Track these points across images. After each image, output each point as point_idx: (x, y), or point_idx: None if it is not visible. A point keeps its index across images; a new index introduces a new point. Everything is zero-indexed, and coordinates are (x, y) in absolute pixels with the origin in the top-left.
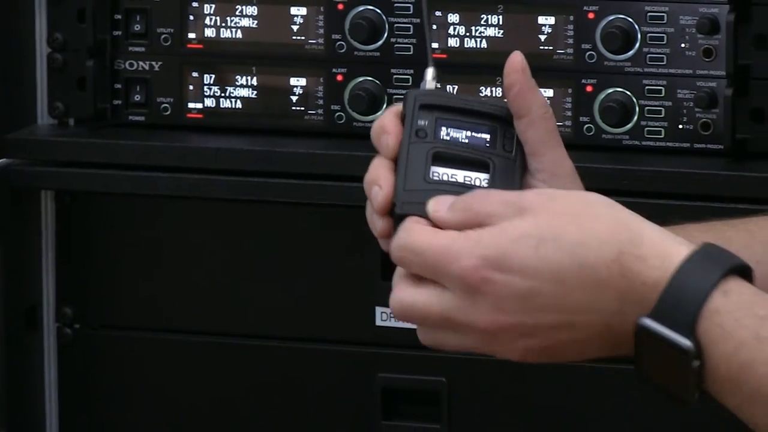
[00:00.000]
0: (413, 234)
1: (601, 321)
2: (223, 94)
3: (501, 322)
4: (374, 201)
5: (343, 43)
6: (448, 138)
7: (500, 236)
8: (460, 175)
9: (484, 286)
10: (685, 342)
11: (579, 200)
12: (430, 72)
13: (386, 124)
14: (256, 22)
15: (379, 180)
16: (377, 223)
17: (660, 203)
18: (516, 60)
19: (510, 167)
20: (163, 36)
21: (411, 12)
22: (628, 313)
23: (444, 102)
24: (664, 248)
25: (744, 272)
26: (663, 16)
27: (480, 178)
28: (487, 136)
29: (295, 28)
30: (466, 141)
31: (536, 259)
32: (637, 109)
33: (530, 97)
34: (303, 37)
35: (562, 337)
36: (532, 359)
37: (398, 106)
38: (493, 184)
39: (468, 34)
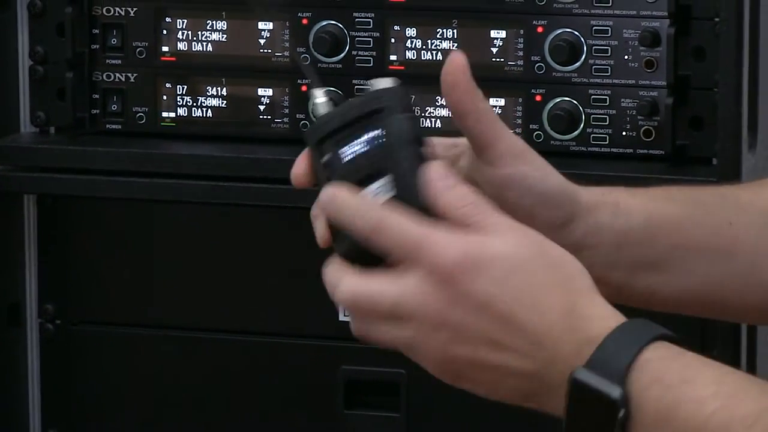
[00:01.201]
0: (397, 212)
1: (532, 366)
2: (194, 104)
3: (448, 319)
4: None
5: (307, 55)
6: (351, 157)
7: (484, 246)
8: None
9: (450, 282)
10: (614, 392)
11: (543, 257)
12: (318, 93)
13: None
14: (225, 36)
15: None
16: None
17: None
18: (457, 60)
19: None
20: (138, 49)
21: (371, 26)
22: (561, 367)
23: (333, 125)
24: (608, 314)
25: (672, 341)
26: (607, 29)
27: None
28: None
29: (262, 41)
30: (365, 149)
31: (504, 282)
32: (583, 117)
33: (474, 94)
34: (270, 50)
35: (489, 360)
36: (448, 375)
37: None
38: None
39: (424, 47)
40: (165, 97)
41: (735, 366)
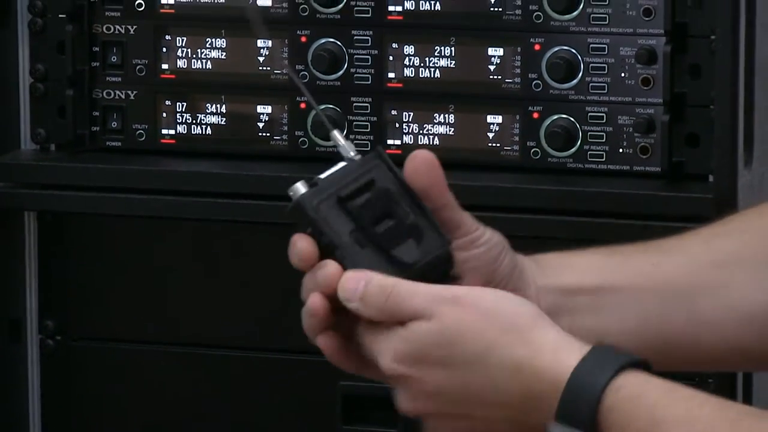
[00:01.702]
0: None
1: (510, 413)
2: (194, 121)
3: (420, 409)
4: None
5: (306, 72)
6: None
7: (415, 338)
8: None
9: (402, 381)
10: None
11: (485, 309)
12: (337, 134)
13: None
14: (225, 53)
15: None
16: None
17: (602, 222)
18: (428, 158)
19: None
20: (138, 67)
21: (369, 44)
22: (532, 415)
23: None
24: (558, 359)
25: (639, 365)
26: (604, 47)
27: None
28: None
29: (261, 59)
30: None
31: (448, 361)
32: (580, 134)
33: (445, 187)
34: (269, 68)
35: (476, 421)
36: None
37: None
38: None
39: (422, 64)
40: (165, 115)
41: (731, 391)
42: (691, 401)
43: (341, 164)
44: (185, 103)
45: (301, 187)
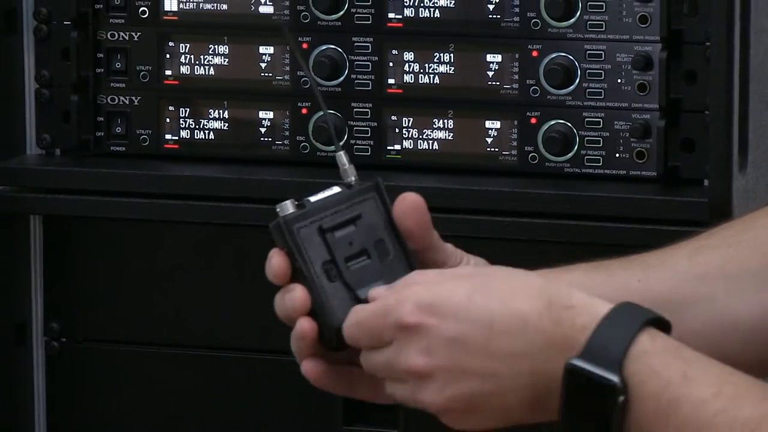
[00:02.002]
0: (355, 313)
1: (528, 370)
2: (197, 127)
3: (432, 365)
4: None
5: (307, 79)
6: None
7: (434, 287)
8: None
9: (418, 330)
10: (613, 378)
11: (507, 268)
12: (343, 156)
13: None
14: (227, 60)
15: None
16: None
17: (599, 225)
18: (417, 201)
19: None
20: (141, 73)
21: (369, 51)
22: (556, 359)
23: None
24: (591, 301)
25: (664, 326)
26: (601, 53)
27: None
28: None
29: (263, 65)
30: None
31: (468, 304)
32: (577, 139)
33: (430, 230)
34: (270, 74)
35: (486, 388)
36: (455, 416)
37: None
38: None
39: (422, 70)
40: (168, 120)
41: None
42: (724, 368)
43: (336, 189)
44: (188, 109)
45: (288, 207)
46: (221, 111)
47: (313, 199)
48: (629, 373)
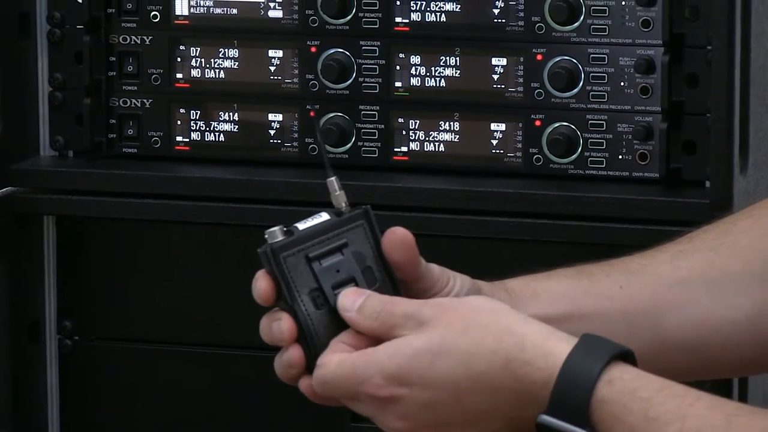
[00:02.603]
0: (325, 370)
1: (503, 416)
2: (207, 129)
3: (414, 426)
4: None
5: (315, 82)
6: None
7: (399, 355)
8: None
9: (391, 401)
10: (582, 431)
11: (468, 310)
12: (335, 182)
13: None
14: (237, 63)
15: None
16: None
17: (602, 226)
18: (405, 236)
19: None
20: (153, 76)
21: (377, 54)
22: (526, 410)
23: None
24: (546, 348)
25: (625, 356)
26: (604, 57)
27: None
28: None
29: (272, 69)
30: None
31: (433, 371)
32: (581, 141)
33: (418, 264)
34: (280, 77)
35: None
36: None
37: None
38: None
39: (428, 74)
40: (179, 122)
41: (726, 389)
42: (684, 398)
43: (324, 216)
44: (199, 112)
45: (276, 234)
46: (231, 113)
47: (301, 226)
48: (595, 422)
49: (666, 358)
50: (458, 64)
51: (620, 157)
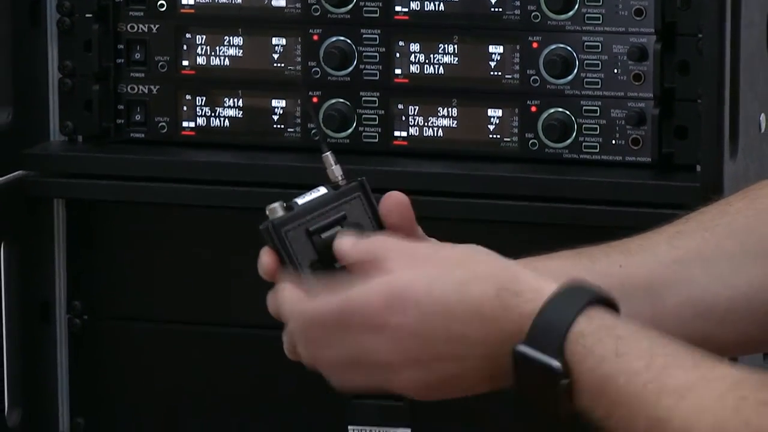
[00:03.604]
0: (306, 304)
1: (486, 354)
2: (213, 114)
3: (400, 357)
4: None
5: (318, 69)
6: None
7: (395, 281)
8: None
9: (382, 330)
10: (554, 363)
11: (463, 248)
12: (329, 157)
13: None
14: (241, 51)
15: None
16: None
17: (596, 209)
18: (402, 200)
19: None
20: (160, 63)
21: (377, 42)
22: (508, 343)
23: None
24: (537, 284)
25: (608, 303)
26: (598, 45)
27: None
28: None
29: (275, 56)
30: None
31: (427, 298)
32: (575, 126)
33: (415, 226)
34: (283, 64)
35: (450, 370)
36: (425, 394)
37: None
38: None
39: (427, 61)
40: (185, 108)
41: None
42: (657, 340)
43: (322, 190)
44: (204, 98)
45: (277, 209)
46: (236, 100)
47: (300, 201)
48: (569, 354)
49: (669, 334)
50: (456, 51)
51: (613, 142)
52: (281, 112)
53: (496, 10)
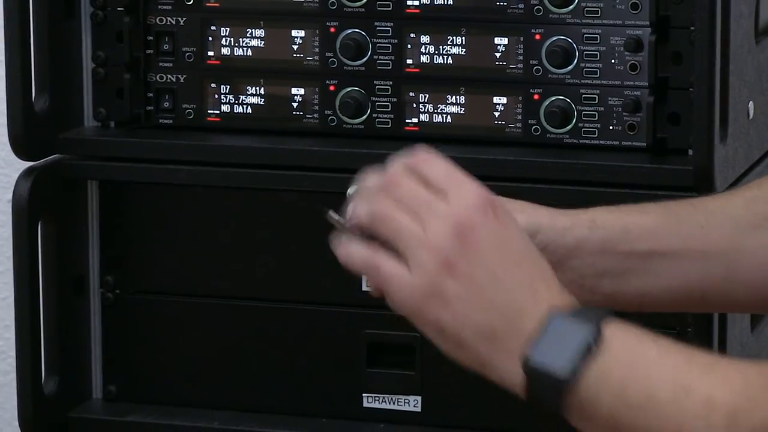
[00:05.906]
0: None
1: (498, 320)
2: (236, 102)
3: (450, 243)
4: None
5: (334, 59)
6: None
7: (499, 199)
8: None
9: (471, 227)
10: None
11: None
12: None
13: None
14: (263, 42)
15: None
16: None
17: (594, 191)
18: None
19: None
20: (187, 54)
21: (390, 34)
22: (520, 337)
23: None
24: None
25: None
26: (597, 37)
27: None
28: None
29: (295, 47)
30: None
31: (516, 229)
32: (575, 113)
33: None
34: (302, 55)
35: (475, 296)
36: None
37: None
38: None
39: (437, 52)
40: (210, 96)
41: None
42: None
43: None
44: (228, 86)
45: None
46: (258, 88)
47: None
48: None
49: (733, 294)
50: (464, 43)
51: (611, 127)
52: (300, 99)
53: (501, 4)
